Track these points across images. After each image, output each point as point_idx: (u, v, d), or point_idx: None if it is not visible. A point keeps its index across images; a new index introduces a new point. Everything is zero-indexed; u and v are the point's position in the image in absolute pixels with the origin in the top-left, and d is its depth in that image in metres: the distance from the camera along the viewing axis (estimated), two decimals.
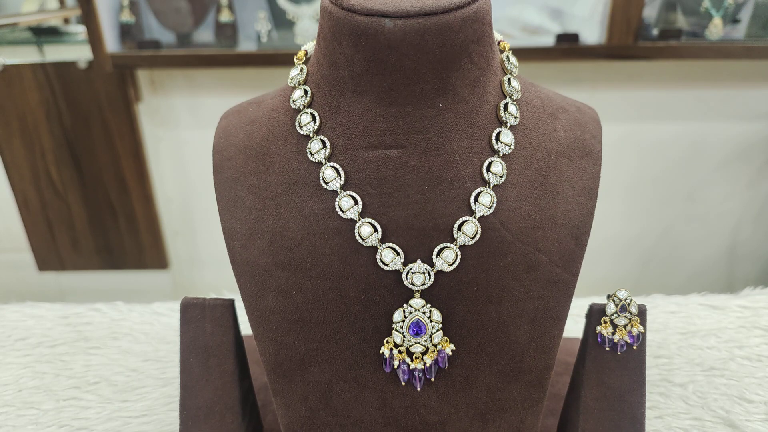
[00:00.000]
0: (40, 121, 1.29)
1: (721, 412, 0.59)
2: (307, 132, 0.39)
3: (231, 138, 0.42)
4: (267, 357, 0.40)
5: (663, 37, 1.10)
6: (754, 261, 1.41)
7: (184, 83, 1.27)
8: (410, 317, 0.37)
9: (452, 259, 0.36)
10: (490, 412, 0.40)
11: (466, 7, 0.35)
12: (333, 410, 0.41)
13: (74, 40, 1.35)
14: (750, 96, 1.22)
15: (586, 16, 1.12)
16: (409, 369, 0.38)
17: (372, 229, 0.37)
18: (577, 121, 0.42)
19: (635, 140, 1.27)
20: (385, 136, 0.37)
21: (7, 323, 0.79)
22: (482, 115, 0.38)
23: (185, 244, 1.48)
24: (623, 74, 1.21)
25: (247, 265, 0.39)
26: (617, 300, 0.41)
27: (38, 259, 1.47)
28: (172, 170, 1.39)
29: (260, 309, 0.39)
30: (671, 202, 1.35)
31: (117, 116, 1.28)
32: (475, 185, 0.37)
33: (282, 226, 0.38)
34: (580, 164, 0.40)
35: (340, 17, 0.36)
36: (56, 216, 1.41)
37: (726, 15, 1.11)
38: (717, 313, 0.75)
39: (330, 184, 0.37)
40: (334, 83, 0.38)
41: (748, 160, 1.29)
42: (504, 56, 0.41)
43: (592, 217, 0.39)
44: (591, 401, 0.42)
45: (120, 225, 1.41)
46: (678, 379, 0.64)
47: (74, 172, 1.35)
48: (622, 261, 1.43)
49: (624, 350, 0.41)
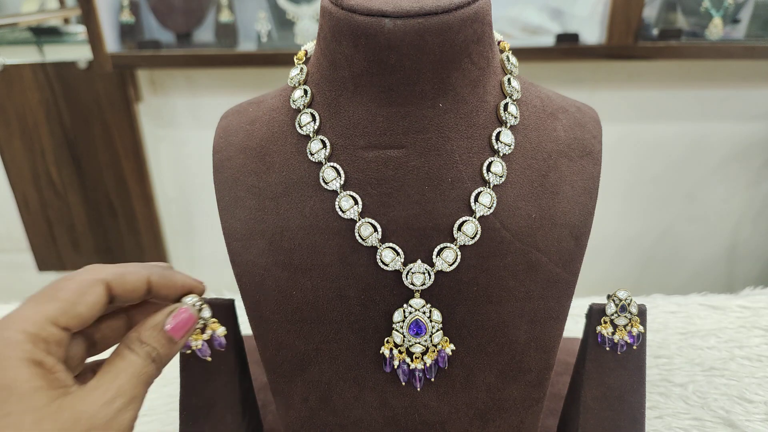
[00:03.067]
0: (40, 121, 1.29)
1: (721, 412, 0.59)
2: (307, 132, 0.39)
3: (231, 138, 0.42)
4: (267, 357, 0.40)
5: (663, 37, 1.10)
6: (754, 261, 1.41)
7: (184, 83, 1.27)
8: (410, 317, 0.37)
9: (452, 259, 0.36)
10: (490, 412, 0.40)
11: (466, 7, 0.35)
12: (333, 410, 0.41)
13: (74, 40, 1.35)
14: (750, 96, 1.22)
15: (586, 16, 1.12)
16: (409, 369, 0.38)
17: (372, 229, 0.37)
18: (577, 121, 0.42)
19: (635, 140, 1.27)
20: (385, 136, 0.37)
21: None
22: (482, 115, 0.38)
23: (185, 244, 1.48)
24: (623, 74, 1.21)
25: (247, 265, 0.39)
26: (617, 300, 0.41)
27: (38, 259, 1.47)
28: (172, 170, 1.39)
29: (260, 309, 0.39)
30: (671, 202, 1.35)
31: (117, 116, 1.28)
32: (475, 185, 0.37)
33: (282, 226, 0.38)
34: (580, 164, 0.40)
35: (340, 17, 0.36)
36: (56, 216, 1.41)
37: (726, 15, 1.11)
38: (717, 313, 0.75)
39: (330, 184, 0.37)
40: (334, 83, 0.38)
41: (747, 160, 1.29)
42: (504, 56, 0.41)
43: (592, 217, 0.39)
44: (591, 401, 0.42)
45: (120, 225, 1.41)
46: (678, 379, 0.64)
47: (74, 172, 1.35)
48: (622, 261, 1.43)
49: (624, 350, 0.41)
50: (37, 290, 0.31)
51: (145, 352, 0.32)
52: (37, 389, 0.27)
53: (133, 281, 0.33)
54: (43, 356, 0.28)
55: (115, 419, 0.29)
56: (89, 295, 0.31)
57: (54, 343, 0.29)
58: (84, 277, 0.31)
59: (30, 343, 0.28)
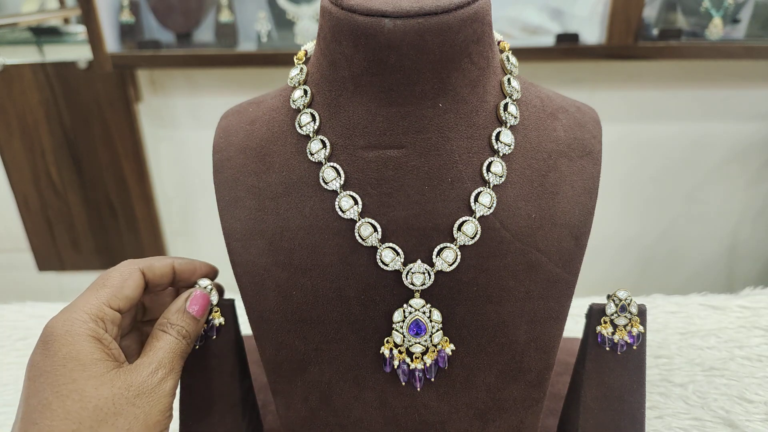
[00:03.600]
0: (40, 121, 1.29)
1: (721, 412, 0.59)
2: (307, 132, 0.39)
3: (231, 138, 0.42)
4: (267, 357, 0.40)
5: (663, 37, 1.10)
6: (754, 261, 1.41)
7: (184, 83, 1.27)
8: (410, 317, 0.37)
9: (452, 259, 0.36)
10: (490, 412, 0.40)
11: (465, 7, 0.35)
12: (333, 410, 0.41)
13: (74, 40, 1.35)
14: (750, 96, 1.22)
15: (586, 16, 1.12)
16: (409, 369, 0.38)
17: (372, 229, 0.37)
18: (577, 121, 0.42)
19: (635, 140, 1.27)
20: (385, 136, 0.37)
21: (7, 323, 0.79)
22: (482, 115, 0.38)
23: (185, 244, 1.48)
24: (623, 74, 1.21)
25: (247, 265, 0.39)
26: (617, 300, 0.41)
27: (38, 259, 1.47)
28: (172, 170, 1.39)
29: (260, 309, 0.39)
30: (671, 202, 1.35)
31: (117, 116, 1.28)
32: (475, 185, 0.37)
33: (282, 227, 0.38)
34: (580, 164, 0.40)
35: (340, 17, 0.36)
36: (56, 216, 1.41)
37: (726, 15, 1.11)
38: (717, 313, 0.75)
39: (330, 184, 0.37)
40: (334, 83, 0.38)
41: (747, 160, 1.29)
42: (504, 56, 0.41)
43: (592, 217, 0.39)
44: (591, 401, 0.42)
45: (120, 225, 1.41)
46: (678, 379, 0.64)
47: (74, 172, 1.35)
48: (622, 261, 1.43)
49: (624, 350, 0.41)
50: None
51: (175, 331, 0.39)
52: (97, 361, 0.34)
53: (162, 267, 0.40)
54: (102, 333, 0.35)
55: (158, 386, 0.35)
56: (131, 280, 0.38)
57: (110, 321, 0.36)
58: (124, 268, 0.39)
59: (92, 322, 0.35)
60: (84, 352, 0.34)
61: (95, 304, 0.36)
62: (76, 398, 0.32)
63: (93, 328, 0.35)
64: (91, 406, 0.32)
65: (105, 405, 0.33)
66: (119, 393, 0.33)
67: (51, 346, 0.33)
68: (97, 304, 0.36)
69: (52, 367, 0.33)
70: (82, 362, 0.33)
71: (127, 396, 0.33)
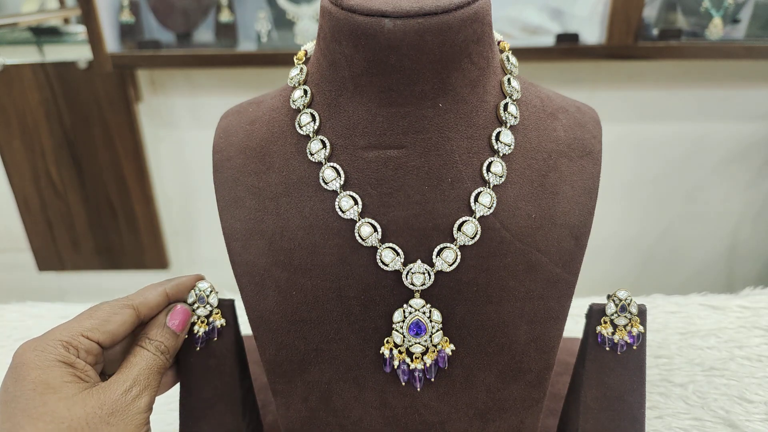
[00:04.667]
0: (40, 121, 1.29)
1: (721, 412, 0.59)
2: (307, 132, 0.39)
3: (231, 138, 0.42)
4: (267, 357, 0.40)
5: (663, 37, 1.10)
6: (754, 261, 1.41)
7: (184, 83, 1.27)
8: (410, 317, 0.37)
9: (452, 259, 0.36)
10: (490, 412, 0.40)
11: (465, 7, 0.35)
12: (333, 410, 0.41)
13: (74, 40, 1.35)
14: (750, 96, 1.22)
15: (586, 16, 1.12)
16: (409, 369, 0.38)
17: (372, 229, 0.37)
18: (577, 121, 0.42)
19: (635, 140, 1.27)
20: (385, 136, 0.37)
21: (7, 323, 0.79)
22: (482, 115, 0.38)
23: (185, 244, 1.48)
24: (623, 74, 1.21)
25: (247, 266, 0.39)
26: (617, 300, 0.41)
27: (38, 259, 1.47)
28: (172, 170, 1.39)
29: (260, 309, 0.39)
30: (671, 202, 1.35)
31: (117, 116, 1.28)
32: (475, 185, 0.37)
33: (282, 227, 0.38)
34: (580, 164, 0.40)
35: (340, 17, 0.36)
36: (56, 216, 1.41)
37: (726, 15, 1.11)
38: (717, 313, 0.75)
39: (330, 185, 0.37)
40: (334, 83, 0.38)
41: (747, 160, 1.29)
42: (504, 56, 0.41)
43: (592, 217, 0.39)
44: (591, 401, 0.42)
45: (120, 225, 1.41)
46: (678, 379, 0.64)
47: (74, 172, 1.35)
48: (622, 261, 1.43)
49: (624, 350, 0.41)
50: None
51: (154, 346, 0.39)
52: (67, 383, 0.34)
53: (155, 297, 0.41)
54: (73, 359, 0.35)
55: (132, 404, 0.35)
56: (118, 316, 0.39)
57: (84, 350, 0.36)
58: (114, 303, 0.39)
59: (62, 348, 0.35)
60: (53, 375, 0.34)
61: (70, 333, 0.36)
62: (48, 420, 0.32)
63: (63, 353, 0.35)
64: (65, 426, 0.32)
65: (78, 425, 0.33)
66: (92, 412, 0.34)
67: (21, 371, 0.34)
68: (73, 333, 0.36)
69: (22, 391, 0.33)
70: (52, 386, 0.33)
71: (100, 415, 0.34)
